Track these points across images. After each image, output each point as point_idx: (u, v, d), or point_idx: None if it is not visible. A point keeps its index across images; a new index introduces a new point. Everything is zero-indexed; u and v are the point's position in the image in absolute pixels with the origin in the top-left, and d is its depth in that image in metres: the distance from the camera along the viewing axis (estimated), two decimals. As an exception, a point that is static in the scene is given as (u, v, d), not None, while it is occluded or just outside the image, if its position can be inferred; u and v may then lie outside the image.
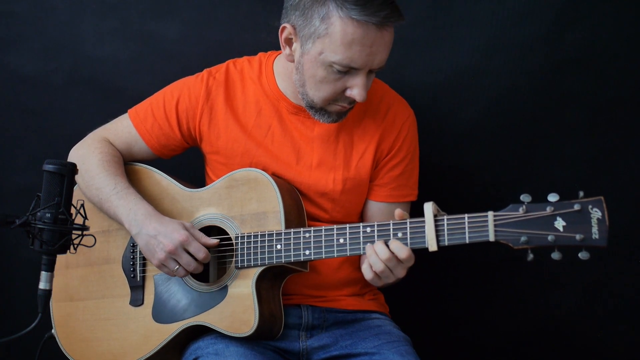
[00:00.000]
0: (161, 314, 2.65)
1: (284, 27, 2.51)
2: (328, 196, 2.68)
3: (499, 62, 3.16)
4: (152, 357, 2.65)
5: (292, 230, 2.49)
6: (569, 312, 3.32)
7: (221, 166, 2.73)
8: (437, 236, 2.24)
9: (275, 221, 2.53)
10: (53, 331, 2.80)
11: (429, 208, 2.25)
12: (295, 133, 2.68)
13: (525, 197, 2.12)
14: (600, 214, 2.05)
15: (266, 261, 2.50)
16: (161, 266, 2.55)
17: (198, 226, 2.63)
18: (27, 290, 2.79)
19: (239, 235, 2.56)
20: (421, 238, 2.27)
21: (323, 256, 2.44)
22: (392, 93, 2.80)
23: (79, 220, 2.22)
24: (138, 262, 2.70)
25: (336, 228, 2.42)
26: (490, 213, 2.17)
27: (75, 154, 2.79)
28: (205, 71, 2.78)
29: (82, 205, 2.26)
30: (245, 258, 2.53)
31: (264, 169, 2.63)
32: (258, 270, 2.52)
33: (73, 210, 2.19)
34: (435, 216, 2.24)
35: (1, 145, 3.36)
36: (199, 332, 2.62)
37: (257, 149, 2.68)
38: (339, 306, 2.73)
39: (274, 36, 3.10)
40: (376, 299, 2.84)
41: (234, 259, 2.55)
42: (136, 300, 2.70)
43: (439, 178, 3.15)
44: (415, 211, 2.43)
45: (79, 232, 2.19)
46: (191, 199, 2.68)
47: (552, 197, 2.09)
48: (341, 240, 2.41)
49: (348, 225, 2.40)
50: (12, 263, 3.42)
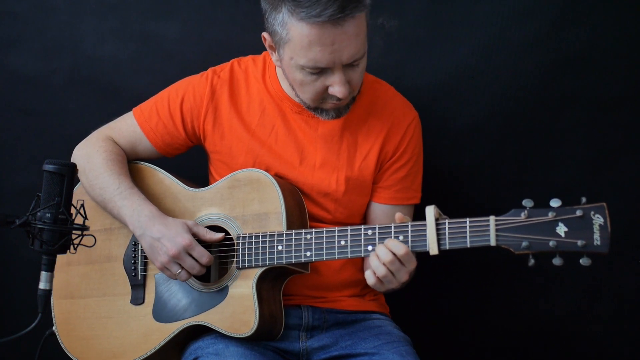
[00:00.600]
0: (161, 313, 2.65)
1: (264, 36, 2.54)
2: (331, 196, 2.68)
3: (499, 62, 3.16)
4: (152, 356, 2.65)
5: (294, 231, 2.49)
6: (569, 313, 3.32)
7: (224, 165, 2.73)
8: (439, 240, 2.24)
9: (276, 222, 2.53)
10: (54, 328, 2.80)
11: (431, 211, 2.25)
12: (298, 132, 2.68)
13: (527, 202, 2.12)
14: (602, 220, 2.05)
15: (267, 262, 2.50)
16: (163, 269, 2.56)
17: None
18: (27, 290, 2.79)
19: (241, 235, 2.56)
20: (422, 241, 2.27)
21: (324, 258, 2.44)
22: (397, 95, 2.80)
23: (79, 220, 2.22)
24: (139, 261, 2.71)
25: (337, 230, 2.42)
26: (491, 218, 2.16)
27: (79, 153, 2.79)
28: (210, 70, 2.78)
29: (82, 205, 2.25)
30: (246, 258, 2.53)
31: (267, 169, 2.64)
32: (259, 270, 2.52)
33: (73, 210, 2.19)
34: (436, 220, 2.24)
35: (1, 145, 3.36)
36: (199, 332, 2.62)
37: (261, 149, 2.68)
38: (340, 307, 2.73)
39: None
40: (376, 300, 2.84)
41: (235, 259, 2.56)
42: (137, 298, 2.70)
43: (439, 179, 3.15)
44: (417, 214, 2.43)
45: (79, 232, 2.19)
46: (193, 199, 2.68)
47: (554, 203, 2.09)
48: (342, 242, 2.41)
49: (349, 227, 2.41)
50: (12, 263, 3.42)
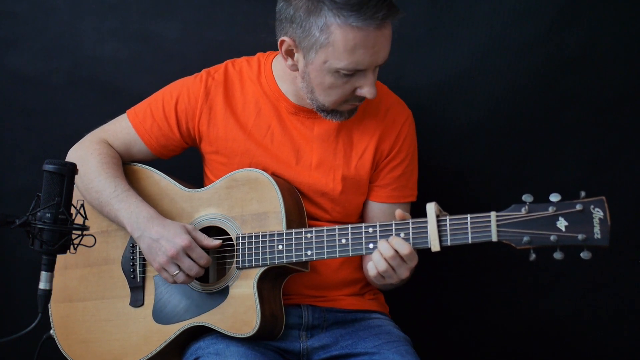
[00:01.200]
0: (162, 315, 2.64)
1: (283, 41, 2.51)
2: (328, 196, 2.68)
3: (499, 62, 3.16)
4: (153, 358, 2.64)
5: (294, 230, 2.48)
6: (570, 312, 3.32)
7: (221, 166, 2.72)
8: (440, 236, 2.24)
9: (276, 221, 2.52)
10: (52, 332, 2.79)
11: (432, 208, 2.25)
12: (294, 133, 2.68)
13: (527, 197, 2.12)
14: (602, 214, 2.05)
15: (267, 262, 2.50)
16: (161, 270, 2.55)
17: (198, 227, 2.62)
18: (27, 290, 2.79)
19: (240, 235, 2.55)
20: (424, 238, 2.27)
21: (325, 257, 2.44)
22: (391, 94, 2.80)
23: (79, 220, 2.21)
24: (138, 263, 2.70)
25: (338, 228, 2.41)
26: (493, 213, 2.17)
27: (73, 156, 2.78)
28: (203, 71, 2.78)
29: (82, 205, 2.25)
30: (246, 259, 2.53)
31: (264, 169, 2.63)
32: (259, 270, 2.51)
33: (73, 210, 2.19)
34: (437, 216, 2.24)
35: (1, 145, 3.36)
36: (200, 333, 2.62)
37: (257, 149, 2.68)
38: (339, 306, 2.72)
39: (274, 36, 3.10)
40: (376, 299, 2.84)
41: (235, 260, 2.55)
42: (136, 301, 2.69)
43: (440, 178, 3.15)
44: (415, 212, 2.43)
45: (79, 232, 2.18)
46: (191, 200, 2.67)
47: (554, 197, 2.10)
48: (343, 240, 2.40)
49: (350, 225, 2.40)
50: (12, 263, 3.41)
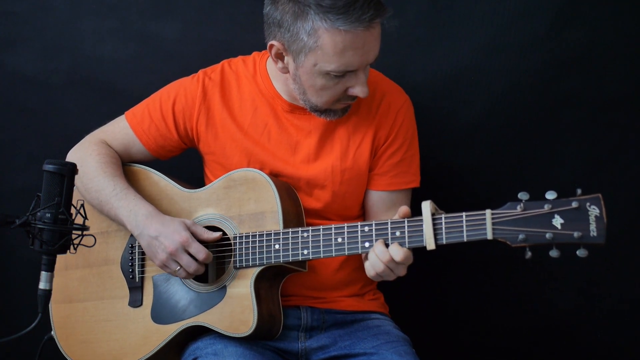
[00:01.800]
0: (160, 315, 2.65)
1: (272, 45, 2.51)
2: (327, 189, 2.68)
3: (499, 62, 3.16)
4: (152, 358, 2.65)
5: (290, 229, 2.48)
6: (569, 311, 3.31)
7: (219, 166, 2.73)
8: (435, 235, 2.23)
9: (273, 221, 2.52)
10: (52, 333, 2.79)
11: (427, 206, 2.24)
12: (291, 129, 2.68)
13: (523, 195, 2.12)
14: (598, 211, 2.04)
15: (264, 261, 2.50)
16: (163, 267, 2.56)
17: (197, 227, 2.63)
18: (27, 290, 2.79)
19: (238, 235, 2.56)
20: (419, 237, 2.27)
21: (321, 256, 2.44)
22: (386, 80, 2.79)
23: (79, 220, 2.22)
24: (137, 263, 2.70)
25: (334, 227, 2.42)
26: (488, 211, 2.16)
27: (72, 157, 2.79)
28: (200, 71, 2.79)
29: (82, 205, 2.25)
30: (243, 258, 2.53)
31: (262, 167, 2.64)
32: (257, 270, 2.51)
33: (73, 210, 2.19)
34: (433, 215, 2.24)
35: (1, 145, 3.36)
36: (198, 333, 2.62)
37: (255, 147, 2.68)
38: (339, 307, 2.72)
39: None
40: (376, 299, 2.83)
41: (233, 259, 2.55)
42: (135, 301, 2.70)
43: (438, 177, 3.14)
44: (413, 209, 2.43)
45: (79, 232, 2.18)
46: (189, 200, 2.68)
47: (550, 195, 2.09)
48: (339, 239, 2.40)
49: (346, 224, 2.40)
50: (12, 263, 3.41)
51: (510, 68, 3.17)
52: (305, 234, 2.46)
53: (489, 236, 2.16)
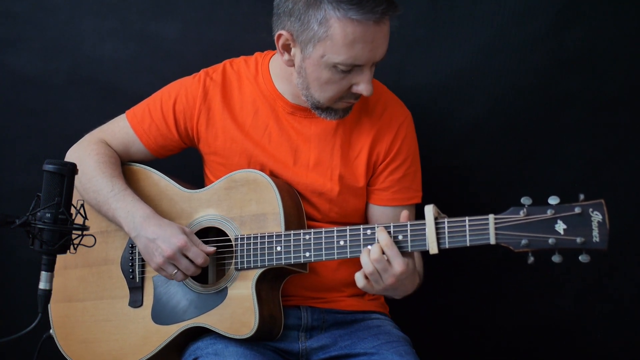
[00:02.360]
0: (160, 315, 2.65)
1: (280, 34, 2.50)
2: (325, 196, 2.67)
3: (499, 62, 3.16)
4: (152, 359, 2.64)
5: (292, 232, 2.48)
6: (569, 313, 3.32)
7: (219, 166, 2.73)
8: (438, 239, 2.23)
9: (275, 223, 2.52)
10: (51, 331, 2.79)
11: (430, 210, 2.24)
12: (292, 132, 2.68)
13: (526, 200, 2.12)
14: (600, 217, 2.05)
15: (266, 263, 2.50)
16: (159, 270, 2.55)
17: (197, 227, 2.63)
18: (27, 290, 2.79)
19: (239, 236, 2.55)
20: (422, 241, 2.27)
21: (323, 258, 2.43)
22: (389, 94, 2.79)
23: (79, 220, 2.22)
24: (137, 263, 2.70)
25: (336, 230, 2.41)
26: (491, 216, 2.16)
27: (71, 156, 2.78)
28: (202, 71, 2.78)
29: (82, 205, 2.25)
30: (245, 260, 2.53)
31: (262, 168, 2.64)
32: (258, 272, 2.51)
33: (73, 210, 2.19)
34: (435, 219, 2.24)
35: (1, 145, 3.36)
36: (199, 333, 2.62)
37: (255, 149, 2.67)
38: (339, 307, 2.72)
39: (273, 35, 3.10)
40: (376, 299, 2.83)
41: (234, 261, 2.55)
42: (135, 301, 2.69)
43: (439, 178, 3.14)
44: (417, 214, 2.43)
45: (79, 232, 2.18)
46: (190, 200, 2.67)
47: (553, 200, 2.09)
48: (341, 242, 2.40)
49: (348, 227, 2.40)
50: (12, 263, 3.41)
51: (510, 68, 3.17)
52: (307, 236, 2.45)
53: (492, 241, 2.16)
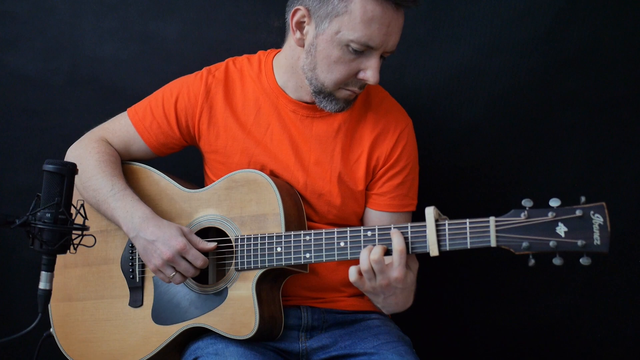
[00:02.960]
0: (161, 316, 2.65)
1: (297, 10, 2.51)
2: (324, 197, 2.68)
3: (499, 62, 3.17)
4: (152, 359, 2.65)
5: (293, 232, 2.48)
6: (569, 313, 3.33)
7: (220, 165, 2.73)
8: (439, 241, 2.24)
9: (275, 223, 2.52)
10: (52, 330, 2.79)
11: (431, 212, 2.24)
12: (293, 132, 2.68)
13: (526, 202, 2.12)
14: (601, 220, 2.05)
15: (266, 264, 2.50)
16: (157, 272, 2.55)
17: (197, 227, 2.63)
18: (27, 290, 2.79)
19: (239, 237, 2.55)
20: (422, 243, 2.27)
21: (323, 259, 2.44)
22: (392, 100, 2.80)
23: (79, 220, 2.22)
24: (137, 263, 2.70)
25: (337, 231, 2.41)
26: (492, 218, 2.16)
27: (72, 154, 2.78)
28: (204, 69, 2.78)
29: (82, 205, 2.25)
30: (245, 260, 2.53)
31: (262, 168, 2.64)
32: (258, 272, 2.51)
33: (73, 210, 2.19)
34: (436, 221, 2.24)
35: (1, 145, 3.35)
36: (199, 334, 2.62)
37: (256, 148, 2.68)
38: (339, 307, 2.73)
39: (274, 36, 3.11)
40: (376, 299, 2.84)
41: (234, 261, 2.55)
42: (135, 301, 2.69)
43: (439, 178, 3.15)
44: (415, 216, 2.43)
45: (79, 232, 2.18)
46: (190, 200, 2.67)
47: (554, 202, 2.10)
48: (342, 243, 2.40)
49: (349, 228, 2.40)
50: (12, 263, 3.41)
51: (510, 68, 3.17)
52: (307, 237, 2.45)
53: (493, 243, 2.16)
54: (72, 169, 2.15)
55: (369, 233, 2.36)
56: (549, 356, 3.35)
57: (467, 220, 2.20)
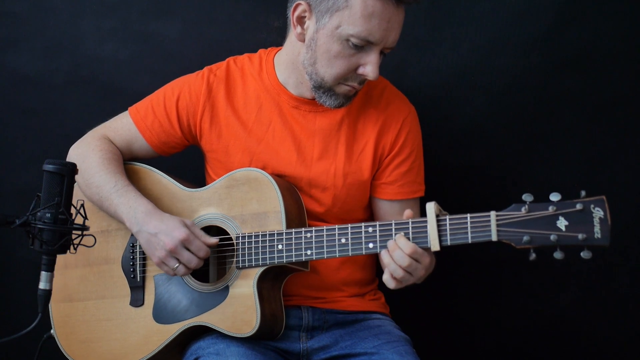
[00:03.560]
0: (162, 315, 2.65)
1: (298, 4, 2.52)
2: (329, 191, 2.68)
3: (499, 62, 3.17)
4: (153, 358, 2.65)
5: (294, 230, 2.48)
6: (570, 311, 3.33)
7: (220, 164, 2.73)
8: (440, 236, 2.23)
9: (276, 221, 2.52)
10: (52, 331, 2.79)
11: (431, 208, 2.24)
12: (296, 127, 2.68)
13: (527, 197, 2.12)
14: (602, 213, 2.05)
15: (267, 261, 2.50)
16: (161, 264, 2.55)
17: (198, 226, 2.62)
18: (27, 290, 2.79)
19: (240, 235, 2.55)
20: (424, 238, 2.27)
21: (325, 256, 2.44)
22: (393, 89, 2.81)
23: (79, 220, 2.22)
24: (138, 263, 2.70)
25: (338, 228, 2.41)
26: (492, 213, 2.16)
27: (74, 152, 2.79)
28: (206, 68, 2.79)
29: (82, 205, 2.26)
30: (246, 258, 2.53)
31: (264, 167, 2.64)
32: (259, 270, 2.51)
33: (73, 210, 2.19)
34: (437, 216, 2.24)
35: (1, 145, 3.36)
36: (200, 333, 2.62)
37: (258, 146, 2.68)
38: (339, 307, 2.73)
39: (274, 36, 3.11)
40: (377, 299, 2.84)
41: (235, 259, 2.55)
42: (136, 300, 2.69)
43: (440, 177, 3.13)
44: (421, 207, 2.43)
45: (79, 232, 2.19)
46: (191, 199, 2.67)
47: (554, 197, 2.10)
48: (343, 240, 2.40)
49: (350, 225, 2.40)
50: (12, 263, 3.41)
51: (510, 68, 3.18)
52: (308, 235, 2.45)
53: (494, 238, 2.16)
54: (72, 169, 2.16)
55: (370, 229, 2.36)
56: (550, 354, 3.34)
57: (468, 215, 2.20)
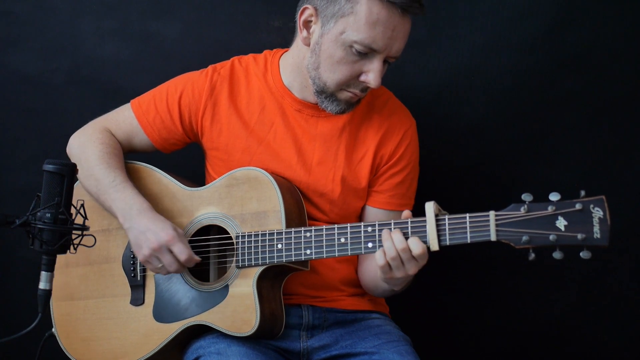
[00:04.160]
0: (162, 314, 2.65)
1: (305, 9, 2.53)
2: (327, 197, 2.68)
3: (499, 62, 3.17)
4: (154, 357, 2.65)
5: (293, 229, 2.48)
6: (569, 312, 3.33)
7: (221, 162, 2.73)
8: (439, 236, 2.23)
9: (275, 220, 2.52)
10: (53, 330, 2.79)
11: (430, 207, 2.24)
12: (297, 130, 2.68)
13: (526, 197, 2.12)
14: (601, 214, 2.05)
15: (267, 260, 2.50)
16: (146, 262, 2.57)
17: (198, 225, 2.63)
18: (27, 290, 2.79)
19: (240, 234, 2.55)
20: (422, 238, 2.26)
21: (324, 256, 2.44)
22: (396, 101, 2.80)
23: (79, 220, 2.22)
24: (138, 262, 2.69)
25: (337, 227, 2.41)
26: (491, 212, 2.16)
27: (75, 142, 2.80)
28: (210, 67, 2.79)
29: (82, 205, 2.26)
30: (246, 257, 2.52)
31: (264, 167, 2.63)
32: (259, 269, 2.51)
33: (73, 210, 2.19)
34: (436, 216, 2.24)
35: (1, 145, 3.36)
36: (201, 332, 2.62)
37: (259, 146, 2.68)
38: (339, 306, 2.72)
39: (274, 36, 3.10)
40: (377, 299, 2.83)
41: (235, 259, 2.55)
42: (137, 299, 2.69)
43: (439, 177, 3.15)
44: (415, 211, 2.43)
45: (79, 232, 2.19)
46: (191, 198, 2.67)
47: (554, 197, 2.09)
48: (342, 239, 2.40)
49: (349, 224, 2.40)
50: (12, 263, 3.41)
51: (510, 68, 3.18)
52: (308, 234, 2.45)
53: (493, 237, 2.16)
54: (72, 169, 2.16)
55: (369, 229, 2.36)
56: (549, 354, 3.34)
57: (467, 214, 2.20)
